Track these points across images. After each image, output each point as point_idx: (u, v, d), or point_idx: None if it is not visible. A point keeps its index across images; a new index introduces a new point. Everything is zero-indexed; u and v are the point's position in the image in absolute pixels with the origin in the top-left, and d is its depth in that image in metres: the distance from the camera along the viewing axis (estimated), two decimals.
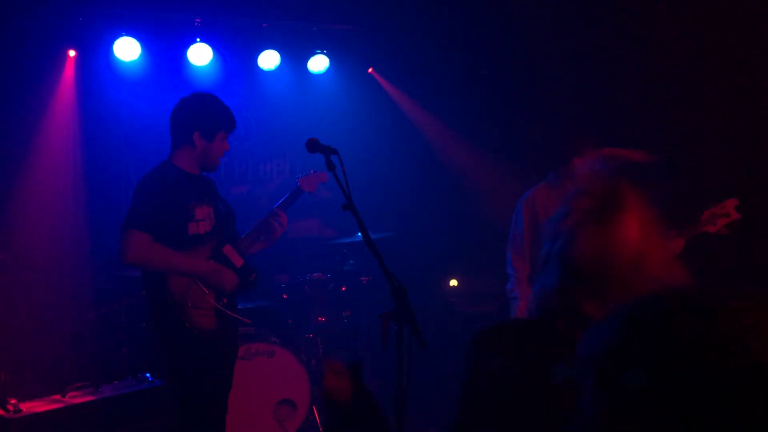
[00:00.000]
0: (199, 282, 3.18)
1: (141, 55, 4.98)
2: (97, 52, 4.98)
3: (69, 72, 4.91)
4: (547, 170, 3.78)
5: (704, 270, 1.40)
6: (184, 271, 3.13)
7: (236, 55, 5.45)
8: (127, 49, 4.89)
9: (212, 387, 3.20)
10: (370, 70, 6.01)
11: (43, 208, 4.67)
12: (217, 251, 3.30)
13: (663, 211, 1.41)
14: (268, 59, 5.45)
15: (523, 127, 5.20)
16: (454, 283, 5.67)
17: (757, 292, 0.76)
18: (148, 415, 3.97)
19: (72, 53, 4.90)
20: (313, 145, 2.42)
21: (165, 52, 5.18)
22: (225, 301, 3.26)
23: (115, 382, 4.12)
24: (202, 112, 3.23)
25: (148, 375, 4.15)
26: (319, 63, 5.63)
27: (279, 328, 4.54)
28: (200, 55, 5.14)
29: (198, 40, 5.12)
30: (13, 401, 3.70)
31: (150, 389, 4.06)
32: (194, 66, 5.21)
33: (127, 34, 4.88)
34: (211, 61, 5.22)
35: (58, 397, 3.89)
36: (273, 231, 3.48)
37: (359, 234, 2.08)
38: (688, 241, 3.56)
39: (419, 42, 5.65)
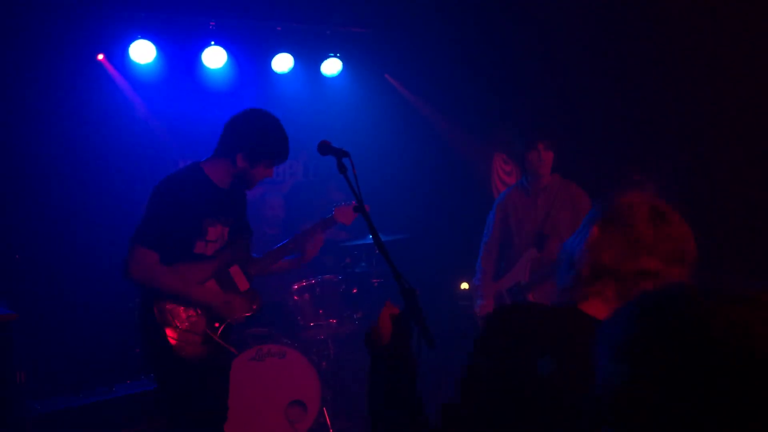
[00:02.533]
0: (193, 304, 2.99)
1: (156, 58, 5.04)
2: (112, 55, 5.05)
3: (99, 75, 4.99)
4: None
5: None
6: (191, 301, 2.95)
7: (250, 58, 5.50)
8: (142, 52, 4.95)
9: (202, 408, 3.00)
10: (385, 75, 6.03)
11: (57, 209, 4.73)
12: (223, 271, 3.12)
13: None
14: (282, 62, 5.49)
15: (538, 130, 5.21)
16: (465, 286, 5.67)
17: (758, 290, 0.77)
18: (161, 413, 4.00)
19: (101, 57, 4.97)
20: (324, 148, 2.42)
21: (180, 54, 5.24)
22: (216, 325, 3.04)
23: (128, 381, 4.16)
24: (256, 136, 2.99)
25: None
26: (332, 66, 5.66)
27: (290, 330, 4.56)
28: (215, 57, 5.19)
29: (212, 43, 5.17)
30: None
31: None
32: (209, 69, 5.26)
33: (143, 37, 4.94)
34: (226, 63, 5.27)
35: (73, 396, 3.93)
36: (305, 254, 3.32)
37: (370, 236, 2.09)
38: None
39: (432, 44, 5.66)
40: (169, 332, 2.91)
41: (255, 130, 3.00)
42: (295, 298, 4.66)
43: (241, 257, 3.20)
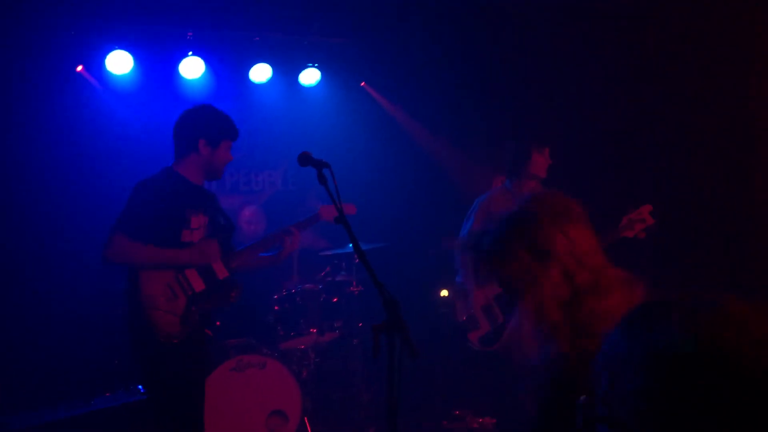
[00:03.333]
0: (172, 285, 3.19)
1: (133, 69, 5.01)
2: (90, 66, 5.01)
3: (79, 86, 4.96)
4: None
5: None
6: (165, 262, 3.16)
7: (228, 68, 5.49)
8: (119, 63, 4.92)
9: (184, 394, 3.19)
10: (362, 83, 6.07)
11: (34, 218, 4.67)
12: None
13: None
14: (260, 72, 5.49)
15: (514, 137, 5.29)
16: (445, 293, 5.70)
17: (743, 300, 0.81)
18: (140, 427, 3.96)
19: (79, 68, 4.94)
20: (305, 159, 2.46)
21: (157, 65, 5.21)
22: (194, 309, 3.23)
23: (108, 394, 4.12)
24: (207, 120, 3.30)
25: (140, 387, 4.15)
26: (310, 76, 5.67)
27: (270, 340, 4.55)
28: (192, 68, 5.18)
29: (190, 53, 5.16)
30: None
31: (142, 401, 4.06)
32: (186, 79, 5.24)
33: (120, 48, 4.91)
34: (203, 74, 5.26)
35: (49, 410, 3.88)
36: (283, 248, 3.47)
37: (351, 245, 2.11)
38: (609, 246, 3.75)
39: (411, 54, 5.70)
40: (150, 314, 3.11)
41: (204, 116, 3.32)
42: (276, 308, 4.65)
43: (223, 248, 3.37)
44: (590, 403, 0.86)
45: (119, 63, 4.92)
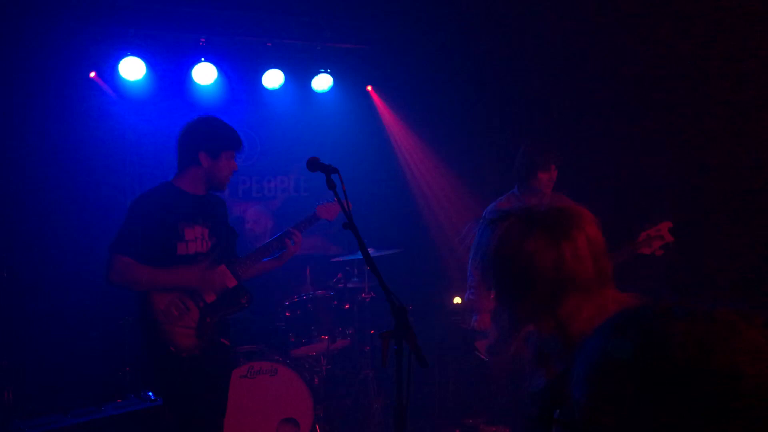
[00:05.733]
0: (183, 299, 3.20)
1: (146, 75, 5.03)
2: (102, 72, 5.04)
3: (91, 92, 4.99)
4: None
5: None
6: (170, 286, 3.17)
7: (241, 74, 5.50)
8: (132, 69, 4.94)
9: (201, 408, 3.20)
10: (368, 87, 6.06)
11: (46, 225, 4.69)
12: (211, 270, 3.32)
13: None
14: (273, 78, 5.50)
15: (551, 151, 5.29)
16: (458, 300, 5.66)
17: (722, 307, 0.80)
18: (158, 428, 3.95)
19: (92, 74, 4.98)
20: (313, 164, 2.45)
21: (170, 71, 5.23)
22: (208, 320, 3.25)
23: (119, 400, 4.10)
24: (206, 131, 3.30)
25: (150, 393, 4.14)
26: (323, 82, 5.67)
27: (282, 346, 4.53)
28: (205, 74, 5.19)
29: (203, 59, 5.17)
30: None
31: (152, 408, 4.03)
32: (199, 85, 5.26)
33: (133, 54, 4.93)
34: (216, 80, 5.27)
35: (60, 416, 3.87)
36: (286, 250, 3.49)
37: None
38: (625, 263, 3.68)
39: (424, 60, 5.69)
40: (162, 331, 3.14)
41: (204, 127, 3.31)
42: (287, 314, 4.63)
43: (227, 257, 3.40)
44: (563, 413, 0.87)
45: (132, 69, 4.94)
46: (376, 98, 6.09)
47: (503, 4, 5.14)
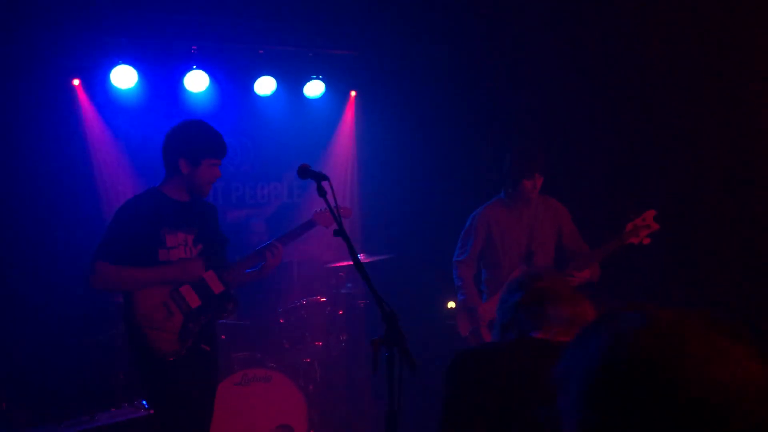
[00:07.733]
0: (167, 303, 3.19)
1: (138, 83, 5.02)
2: (94, 80, 5.04)
3: (72, 100, 4.97)
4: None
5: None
6: (152, 281, 3.15)
7: (233, 81, 5.50)
8: (124, 77, 4.94)
9: (185, 413, 3.17)
10: (352, 93, 6.05)
11: (34, 234, 4.68)
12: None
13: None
14: (265, 85, 5.50)
15: (535, 160, 5.32)
16: (452, 304, 5.66)
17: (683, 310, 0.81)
18: None
19: (76, 82, 4.97)
20: (304, 172, 2.46)
21: (162, 79, 5.23)
22: (191, 326, 3.23)
23: (112, 409, 4.09)
24: (186, 138, 3.23)
25: (144, 402, 4.13)
26: (314, 88, 5.68)
27: (276, 353, 4.52)
28: (197, 81, 5.19)
29: (194, 67, 5.17)
30: None
31: (146, 416, 4.03)
32: (191, 93, 5.25)
33: (124, 62, 4.93)
34: (208, 87, 5.27)
35: (54, 427, 3.86)
36: (265, 263, 3.42)
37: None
38: (615, 253, 3.77)
39: (416, 65, 5.70)
40: (145, 335, 3.13)
41: (184, 133, 3.24)
42: (281, 321, 4.63)
43: (215, 263, 3.35)
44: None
45: (124, 78, 4.94)
46: (357, 104, 6.09)
47: (494, 8, 5.16)
